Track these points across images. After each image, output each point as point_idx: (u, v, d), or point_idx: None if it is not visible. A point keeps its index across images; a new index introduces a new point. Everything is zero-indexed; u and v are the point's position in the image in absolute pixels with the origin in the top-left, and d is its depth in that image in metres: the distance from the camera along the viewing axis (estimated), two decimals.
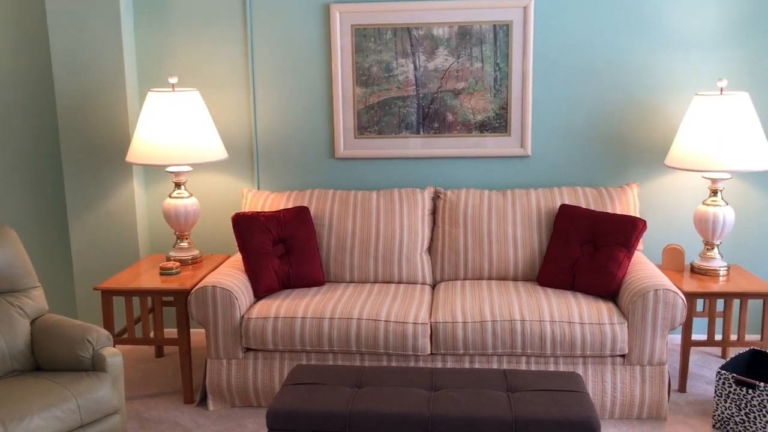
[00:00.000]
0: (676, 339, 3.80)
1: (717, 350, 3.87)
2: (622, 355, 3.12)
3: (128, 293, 3.40)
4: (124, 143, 3.86)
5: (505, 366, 3.16)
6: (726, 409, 3.02)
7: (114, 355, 2.78)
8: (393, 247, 3.60)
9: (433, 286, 3.63)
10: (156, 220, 4.08)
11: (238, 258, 3.58)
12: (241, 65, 3.92)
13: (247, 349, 3.27)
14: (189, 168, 3.73)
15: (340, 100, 3.90)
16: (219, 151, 3.70)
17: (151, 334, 3.71)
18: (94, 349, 2.76)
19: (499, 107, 3.86)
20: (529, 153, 3.89)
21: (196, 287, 3.23)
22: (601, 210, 3.59)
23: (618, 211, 3.61)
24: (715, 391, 3.05)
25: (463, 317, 3.14)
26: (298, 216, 3.58)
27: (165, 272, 3.53)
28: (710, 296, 3.37)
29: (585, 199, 3.65)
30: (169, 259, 3.72)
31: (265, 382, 3.26)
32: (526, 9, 3.73)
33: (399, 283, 3.61)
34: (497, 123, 3.88)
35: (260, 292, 3.38)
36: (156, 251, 4.11)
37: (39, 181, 4.13)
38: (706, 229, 3.54)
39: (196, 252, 3.78)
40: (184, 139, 3.54)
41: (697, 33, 3.71)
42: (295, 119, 3.97)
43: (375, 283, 3.60)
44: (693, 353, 3.80)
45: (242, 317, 3.23)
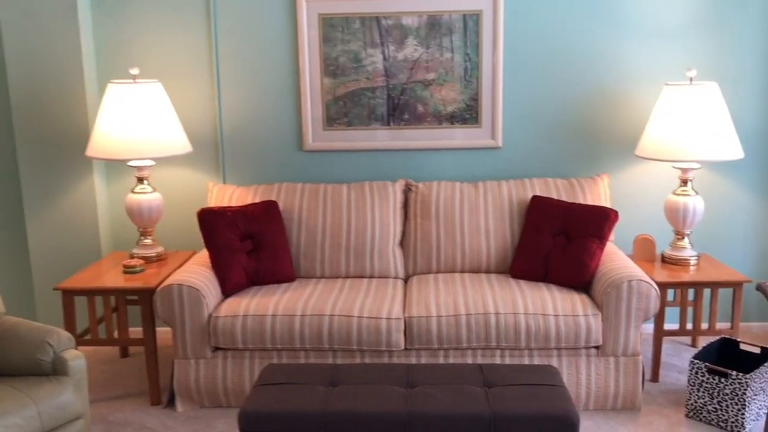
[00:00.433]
0: (648, 329, 3.80)
1: (687, 339, 3.90)
2: (597, 347, 3.11)
3: (90, 293, 3.27)
4: (84, 137, 3.72)
5: (480, 360, 3.13)
6: (699, 398, 3.03)
7: (76, 358, 2.66)
8: (364, 241, 3.53)
9: (406, 280, 3.58)
10: (118, 216, 3.95)
11: (204, 254, 3.48)
12: (205, 55, 3.81)
13: (216, 348, 3.18)
14: (152, 162, 3.61)
15: (308, 91, 3.82)
16: (183, 145, 3.58)
17: (115, 335, 3.58)
18: (54, 353, 2.64)
19: (469, 98, 3.81)
20: (500, 144, 3.85)
21: (162, 285, 3.13)
22: (573, 201, 3.58)
23: (589, 202, 3.60)
24: (688, 380, 3.05)
25: (438, 311, 3.09)
26: (267, 210, 3.49)
27: (128, 270, 3.41)
28: (682, 286, 3.38)
29: (556, 190, 3.63)
30: (132, 256, 3.60)
31: (235, 382, 3.18)
32: None
33: (371, 277, 3.54)
34: (468, 114, 3.83)
35: (228, 289, 3.29)
36: (119, 249, 3.98)
37: None
38: (677, 219, 3.55)
39: (160, 249, 3.66)
40: (146, 132, 3.42)
41: (667, 23, 3.71)
42: (261, 111, 3.87)
43: (347, 278, 3.53)
44: (664, 342, 3.82)
45: (210, 315, 3.14)
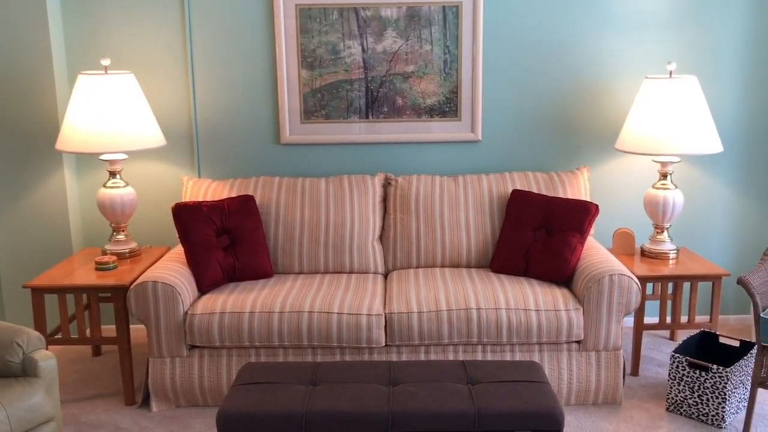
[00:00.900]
0: (628, 322, 3.80)
1: (666, 332, 3.91)
2: (578, 342, 3.09)
3: (61, 290, 3.18)
4: (53, 130, 3.60)
5: (461, 356, 3.10)
6: (680, 392, 3.03)
7: (47, 359, 2.57)
8: (343, 236, 3.48)
9: (386, 275, 3.53)
10: (90, 211, 3.84)
11: (179, 250, 3.40)
12: (179, 46, 3.71)
13: (192, 347, 3.11)
14: (124, 156, 3.51)
15: (285, 83, 3.74)
16: (156, 138, 3.49)
17: (88, 333, 3.48)
18: (24, 353, 2.55)
19: (449, 91, 3.77)
20: (480, 138, 3.82)
21: (136, 282, 3.05)
22: (553, 195, 3.56)
23: (569, 196, 3.58)
24: (669, 374, 3.05)
25: (418, 307, 3.05)
26: (243, 205, 3.42)
27: (101, 267, 3.32)
28: (662, 280, 3.38)
29: (536, 184, 3.61)
30: (104, 252, 3.51)
31: (212, 381, 3.11)
32: None
33: (350, 273, 3.49)
34: (447, 107, 3.79)
35: (204, 286, 3.22)
36: (90, 245, 3.88)
37: None
38: (657, 213, 3.55)
39: (133, 245, 3.57)
40: (118, 125, 3.32)
41: (647, 15, 3.70)
42: (237, 103, 3.79)
43: (325, 273, 3.47)
44: (643, 336, 3.82)
45: (186, 313, 3.06)
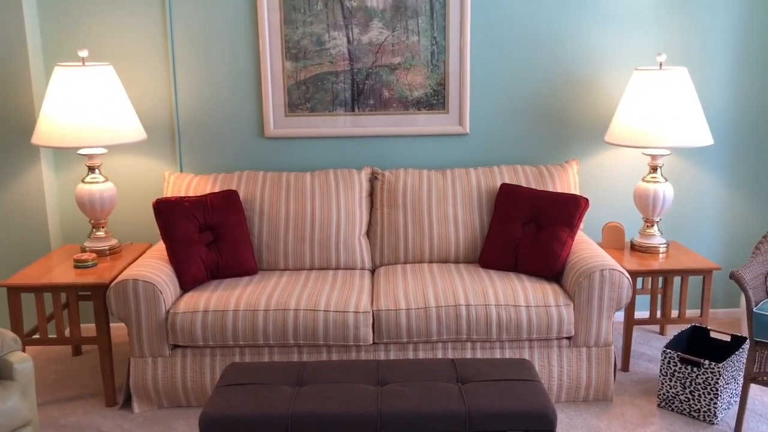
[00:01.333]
0: (618, 317, 3.77)
1: (655, 327, 3.88)
2: (568, 338, 3.05)
3: (39, 289, 3.08)
4: (29, 124, 3.50)
5: (450, 353, 3.04)
6: (671, 388, 3.00)
7: (22, 361, 2.48)
8: (330, 232, 3.40)
9: (373, 272, 3.46)
10: (68, 207, 3.74)
11: (161, 247, 3.31)
12: (160, 37, 3.61)
13: (175, 346, 3.03)
14: (103, 150, 3.42)
15: (269, 75, 3.66)
16: (136, 132, 3.39)
17: (67, 333, 3.40)
18: None
19: (436, 83, 3.70)
20: (468, 131, 3.75)
21: (116, 281, 2.96)
22: (542, 188, 3.50)
23: (558, 189, 3.53)
24: (660, 370, 3.01)
25: (407, 304, 2.99)
26: (226, 200, 3.34)
27: (80, 265, 3.23)
28: (653, 274, 3.34)
29: (525, 177, 3.55)
30: (84, 250, 3.41)
31: (195, 381, 3.03)
32: None
33: (337, 269, 3.42)
34: (435, 100, 3.72)
35: (187, 283, 3.13)
36: (69, 242, 3.78)
37: None
38: (647, 206, 3.51)
39: (114, 241, 3.48)
40: (97, 118, 3.22)
41: (637, 6, 3.65)
42: (220, 96, 3.70)
43: (311, 270, 3.40)
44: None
45: (168, 312, 2.98)
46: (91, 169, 3.41)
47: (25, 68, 3.47)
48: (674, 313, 3.71)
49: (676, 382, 2.98)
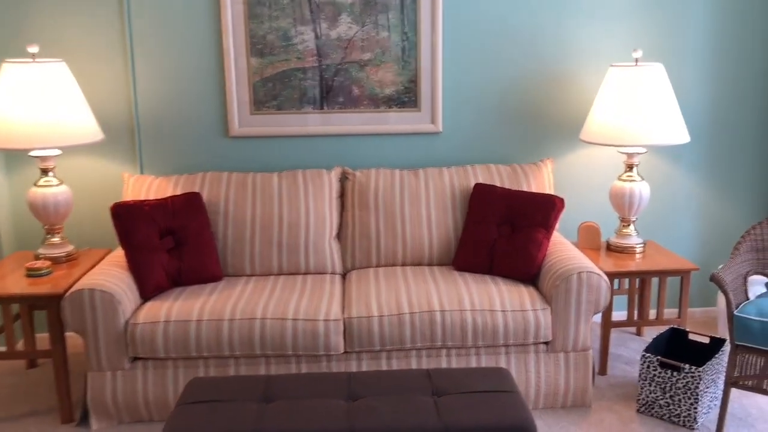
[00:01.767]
0: (595, 319, 3.69)
1: (631, 328, 3.81)
2: (546, 343, 2.96)
3: None
4: None
5: (425, 360, 2.93)
6: (651, 393, 2.92)
7: None
8: (298, 235, 3.27)
9: (344, 276, 3.34)
10: (21, 212, 3.55)
11: (120, 254, 3.14)
12: (117, 32, 3.43)
13: (135, 358, 2.87)
14: (57, 151, 3.23)
15: (233, 71, 3.50)
16: (93, 132, 3.22)
17: (19, 346, 3.22)
18: None
19: (408, 80, 3.58)
20: (440, 129, 3.64)
21: (71, 290, 2.79)
22: (517, 188, 3.41)
23: (533, 189, 3.44)
24: (640, 374, 2.94)
25: (379, 310, 2.87)
26: (189, 203, 3.18)
27: (33, 273, 3.05)
28: (631, 275, 3.27)
29: (499, 177, 3.45)
30: (38, 257, 3.23)
31: (157, 394, 2.88)
32: None
33: (306, 274, 3.29)
34: (406, 97, 3.60)
35: (147, 292, 2.98)
36: (22, 248, 3.58)
37: None
38: (623, 206, 3.44)
39: (70, 248, 3.30)
40: (49, 117, 3.04)
41: (612, 1, 3.57)
42: (182, 93, 3.53)
43: (279, 275, 3.26)
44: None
45: (127, 322, 2.82)
46: (45, 171, 3.23)
47: None
48: (652, 313, 3.65)
49: (655, 386, 2.90)
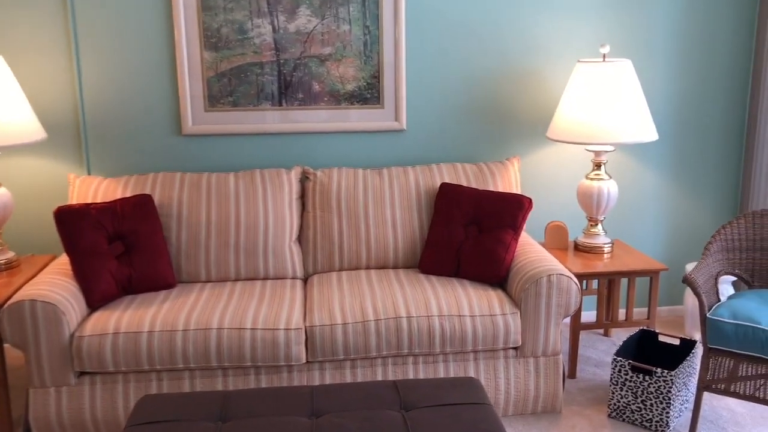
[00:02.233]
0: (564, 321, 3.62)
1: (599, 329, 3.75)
2: (515, 348, 2.86)
3: None
4: None
5: (390, 369, 2.81)
6: (622, 398, 2.85)
7: None
8: (257, 238, 3.11)
9: (305, 280, 3.20)
10: None
11: (65, 261, 2.94)
12: (60, 25, 3.22)
13: (82, 373, 2.68)
14: None
15: (185, 66, 3.32)
16: (34, 130, 3.01)
17: None
18: None
19: (370, 76, 3.45)
20: (405, 126, 3.52)
21: (9, 302, 2.59)
22: (483, 187, 3.31)
23: (500, 188, 3.34)
24: (611, 378, 2.87)
25: (343, 318, 2.74)
26: (139, 205, 3.00)
27: None
28: (600, 276, 3.20)
29: (465, 176, 3.35)
30: None
31: (106, 411, 2.70)
32: None
33: (265, 279, 3.14)
34: (369, 93, 3.47)
35: (94, 301, 2.79)
36: None
37: None
38: (591, 205, 3.37)
39: (10, 254, 3.09)
40: None
41: None
42: (131, 89, 3.34)
43: (237, 281, 3.10)
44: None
45: (72, 335, 2.64)
46: None
47: None
48: (621, 312, 3.60)
49: (627, 391, 2.84)
